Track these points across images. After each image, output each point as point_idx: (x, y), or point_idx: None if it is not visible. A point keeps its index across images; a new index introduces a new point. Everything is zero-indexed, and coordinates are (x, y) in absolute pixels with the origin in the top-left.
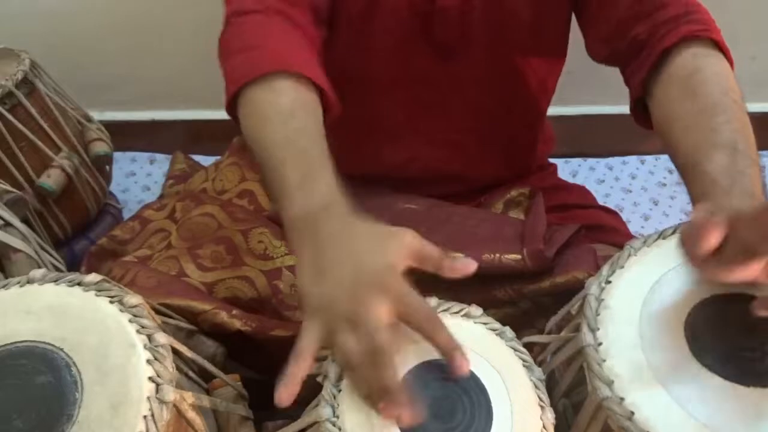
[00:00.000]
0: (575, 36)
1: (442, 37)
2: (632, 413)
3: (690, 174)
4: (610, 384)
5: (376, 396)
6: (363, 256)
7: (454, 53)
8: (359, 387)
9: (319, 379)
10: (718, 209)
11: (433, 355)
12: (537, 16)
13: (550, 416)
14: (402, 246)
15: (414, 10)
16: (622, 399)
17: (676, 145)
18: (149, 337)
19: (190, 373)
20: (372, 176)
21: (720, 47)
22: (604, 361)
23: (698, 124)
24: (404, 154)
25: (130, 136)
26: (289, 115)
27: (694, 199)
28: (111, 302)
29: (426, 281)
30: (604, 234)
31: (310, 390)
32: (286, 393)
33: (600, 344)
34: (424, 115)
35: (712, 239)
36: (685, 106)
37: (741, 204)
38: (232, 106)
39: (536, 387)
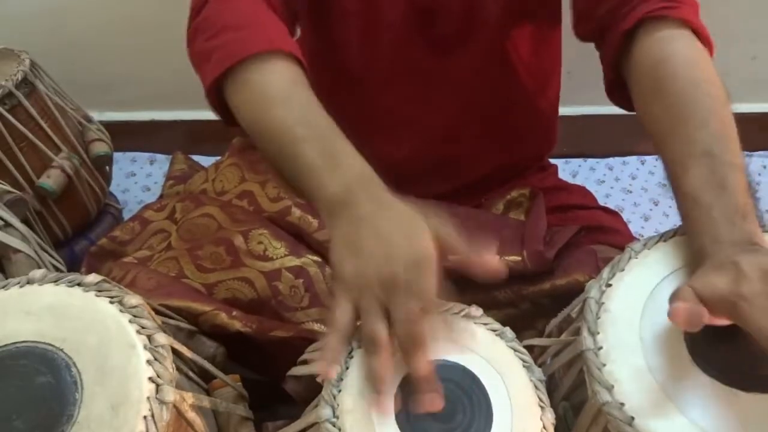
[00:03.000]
0: (574, 36)
1: (441, 32)
2: (632, 418)
3: (673, 191)
4: (610, 388)
5: (378, 383)
6: (393, 239)
7: (452, 48)
8: (372, 368)
9: (318, 379)
10: (703, 286)
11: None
12: (527, 2)
13: (550, 417)
14: (429, 234)
15: (414, 5)
16: (622, 404)
17: (657, 151)
18: (149, 337)
19: (190, 374)
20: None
21: (690, 26)
22: (605, 365)
23: (672, 131)
24: (402, 151)
25: (130, 136)
26: (291, 93)
27: (682, 219)
28: (111, 303)
29: None
30: (605, 235)
31: (311, 390)
32: (330, 367)
33: (600, 348)
34: (422, 110)
35: (695, 327)
36: (655, 107)
37: (724, 229)
38: (215, 91)
39: (536, 388)
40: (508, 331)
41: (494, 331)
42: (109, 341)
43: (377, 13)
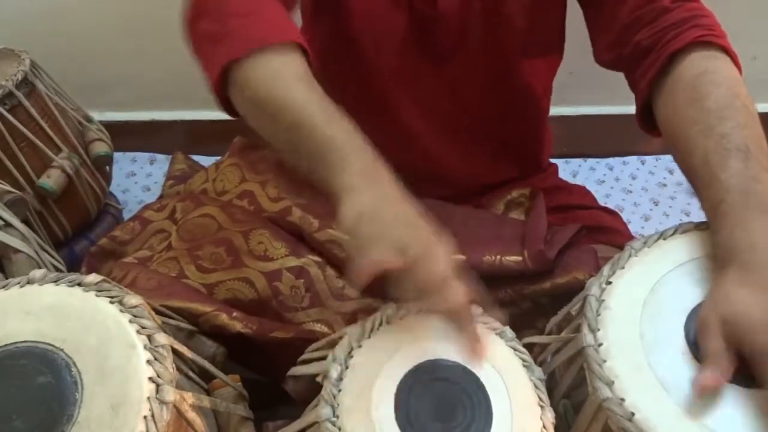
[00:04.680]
0: (575, 36)
1: (441, 42)
2: (633, 414)
3: (702, 180)
4: (610, 385)
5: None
6: (418, 222)
7: (451, 57)
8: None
9: (318, 379)
10: (726, 305)
11: (434, 354)
12: (532, 19)
13: (550, 416)
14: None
15: (414, 14)
16: (622, 400)
17: (685, 149)
18: (149, 337)
19: (191, 374)
20: None
21: (728, 53)
22: (605, 361)
23: (709, 128)
24: (401, 158)
25: (130, 136)
26: (308, 78)
27: (708, 207)
28: (111, 303)
29: None
30: (605, 235)
31: (310, 390)
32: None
33: (600, 345)
34: (421, 118)
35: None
36: (693, 108)
37: (759, 224)
38: (220, 77)
39: (536, 387)
40: (508, 331)
41: (494, 330)
42: (109, 341)
43: (377, 22)
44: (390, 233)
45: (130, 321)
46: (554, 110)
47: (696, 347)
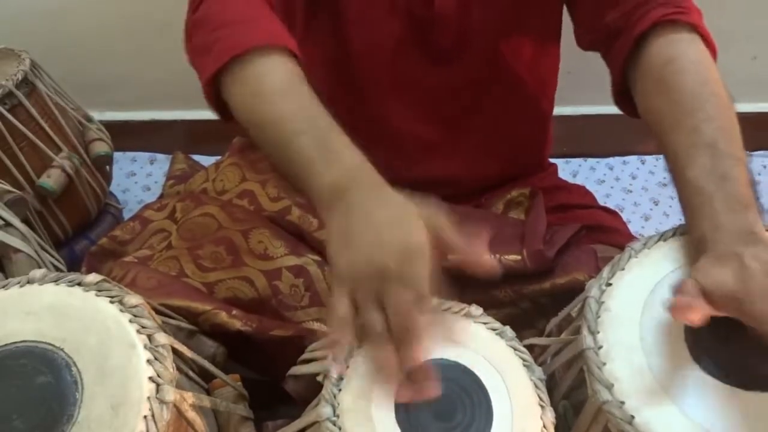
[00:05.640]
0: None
1: (439, 43)
2: (632, 417)
3: (675, 180)
4: (610, 387)
5: (385, 372)
6: (384, 228)
7: (450, 58)
8: (376, 359)
9: (319, 378)
10: (706, 279)
11: (434, 354)
12: (528, 13)
13: (550, 416)
14: (422, 225)
15: (411, 16)
16: (622, 403)
17: (659, 142)
18: (149, 337)
19: (191, 373)
20: None
21: (697, 30)
22: (605, 364)
23: (678, 122)
24: (402, 161)
25: (130, 136)
26: (289, 87)
27: (683, 208)
28: (111, 302)
29: None
30: (605, 234)
31: (310, 389)
32: (338, 364)
33: (600, 347)
34: (421, 120)
35: (696, 321)
36: (661, 101)
37: (725, 217)
38: (212, 85)
39: (536, 387)
40: (509, 330)
41: (494, 330)
42: (109, 341)
43: (374, 24)
44: (358, 261)
45: (130, 321)
46: (554, 110)
47: (697, 350)
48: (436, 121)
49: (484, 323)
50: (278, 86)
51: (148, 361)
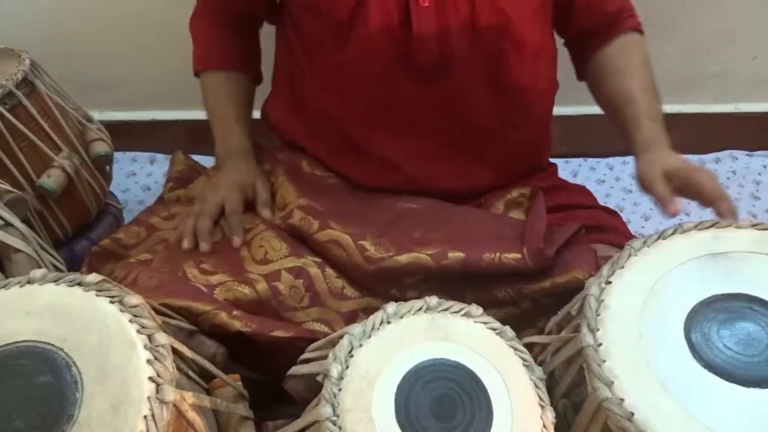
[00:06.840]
0: None
1: (422, 63)
2: (632, 414)
3: (622, 114)
4: (609, 385)
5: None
6: (222, 184)
7: (434, 77)
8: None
9: (319, 378)
10: (670, 167)
11: (434, 354)
12: (512, 19)
13: (550, 416)
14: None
15: (391, 39)
16: (621, 400)
17: (609, 88)
18: (149, 337)
19: (191, 373)
20: (371, 189)
21: (639, 30)
22: (604, 361)
23: (634, 73)
24: (396, 177)
25: (130, 136)
26: (216, 92)
27: (629, 136)
28: (111, 302)
29: (428, 281)
30: (605, 234)
31: (310, 389)
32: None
33: (600, 345)
34: (411, 138)
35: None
36: (621, 60)
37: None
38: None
39: (536, 386)
40: (508, 330)
41: (494, 329)
42: (109, 341)
43: (355, 48)
44: (207, 193)
45: (130, 321)
46: (554, 110)
47: (695, 347)
48: (425, 139)
49: (484, 323)
50: (213, 92)
51: (148, 360)
